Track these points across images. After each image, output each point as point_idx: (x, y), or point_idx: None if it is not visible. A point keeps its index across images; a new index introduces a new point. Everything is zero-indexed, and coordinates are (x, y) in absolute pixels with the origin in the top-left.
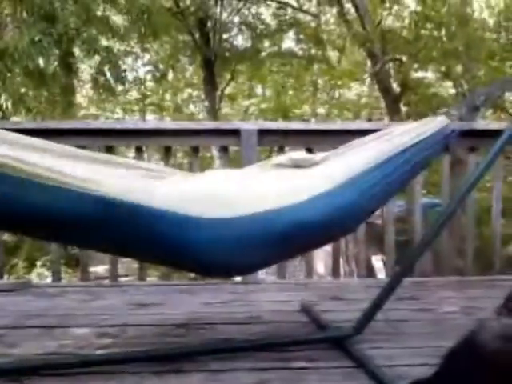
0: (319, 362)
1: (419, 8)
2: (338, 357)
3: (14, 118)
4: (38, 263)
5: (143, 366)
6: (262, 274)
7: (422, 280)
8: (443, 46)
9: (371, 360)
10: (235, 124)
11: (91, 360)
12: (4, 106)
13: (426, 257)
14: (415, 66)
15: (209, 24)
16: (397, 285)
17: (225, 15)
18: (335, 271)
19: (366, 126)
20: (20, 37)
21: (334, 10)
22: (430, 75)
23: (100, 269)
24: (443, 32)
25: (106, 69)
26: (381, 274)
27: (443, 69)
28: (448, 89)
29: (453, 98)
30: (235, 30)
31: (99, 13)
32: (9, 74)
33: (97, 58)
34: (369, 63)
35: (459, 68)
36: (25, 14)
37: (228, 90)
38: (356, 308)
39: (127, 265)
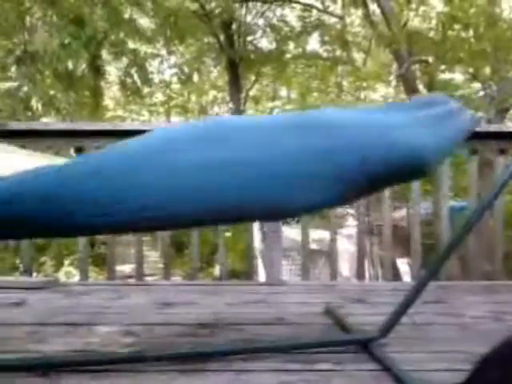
0: (344, 364)
1: (446, 9)
2: (363, 360)
3: (44, 119)
4: (66, 262)
5: (167, 365)
6: (285, 274)
7: (449, 284)
8: (471, 46)
9: (396, 363)
10: None
11: (116, 358)
12: (34, 107)
13: (453, 260)
14: (442, 67)
15: (234, 26)
16: (423, 288)
17: (249, 17)
18: (360, 274)
19: None
20: (50, 40)
21: (360, 12)
22: (457, 76)
23: (126, 268)
24: (471, 33)
25: (133, 71)
26: (406, 277)
27: (471, 70)
28: (476, 90)
29: (481, 100)
30: (260, 33)
31: (127, 16)
32: (39, 77)
33: (124, 60)
34: (395, 65)
35: (487, 69)
36: (55, 18)
37: (252, 92)
38: (381, 311)
39: (153, 264)
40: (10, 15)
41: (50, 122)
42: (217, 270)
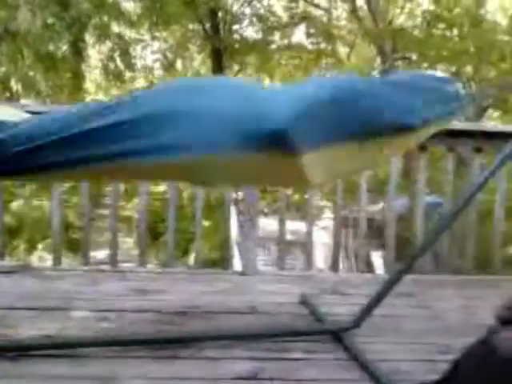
0: (316, 353)
1: (432, 7)
2: (334, 349)
3: (23, 101)
4: (39, 246)
5: (140, 351)
6: (261, 265)
7: (421, 277)
8: (454, 46)
9: (365, 353)
10: None
11: (89, 342)
12: (14, 88)
13: (426, 255)
14: (425, 64)
15: (220, 14)
16: (397, 282)
17: (236, 6)
18: (334, 265)
19: None
20: (33, 19)
21: (346, 6)
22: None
23: (100, 254)
24: (455, 32)
25: (116, 55)
26: (380, 270)
27: (453, 69)
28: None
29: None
30: (246, 22)
31: None
32: (19, 57)
33: (108, 43)
34: (378, 60)
35: (469, 69)
36: None
37: None
38: (355, 302)
39: (127, 251)
40: None
41: (28, 103)
42: (192, 259)
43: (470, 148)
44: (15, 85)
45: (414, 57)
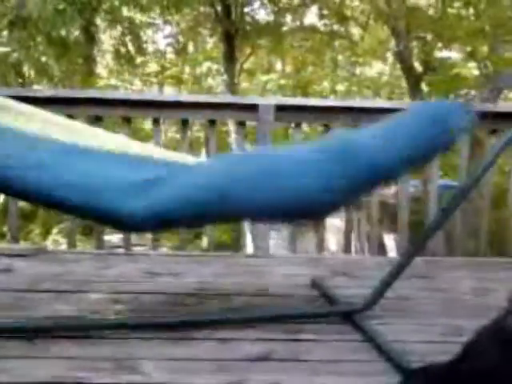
0: (327, 335)
1: None
2: (346, 331)
3: (36, 86)
4: (54, 230)
5: (154, 333)
6: (273, 247)
7: (434, 259)
8: (470, 25)
9: (379, 334)
10: (253, 99)
11: (104, 324)
12: (27, 74)
13: (439, 237)
14: (439, 45)
15: None
16: (408, 263)
17: None
18: (347, 247)
19: (385, 104)
20: (44, 5)
21: None
22: (454, 55)
23: (114, 237)
24: (471, 11)
25: (127, 39)
26: (392, 253)
27: (468, 49)
28: (472, 70)
29: (476, 79)
30: (257, 4)
31: None
32: (31, 42)
33: (119, 28)
34: (392, 41)
35: (485, 49)
36: None
37: (247, 65)
38: (367, 285)
39: (141, 235)
40: None
41: (40, 88)
42: (205, 242)
43: (484, 129)
44: (28, 70)
45: (429, 37)
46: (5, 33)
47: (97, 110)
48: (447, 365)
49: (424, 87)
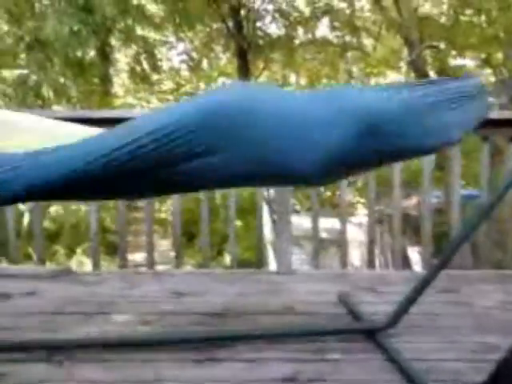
0: (354, 353)
1: None
2: (370, 349)
3: (55, 107)
4: (78, 250)
5: (179, 354)
6: (296, 264)
7: (460, 273)
8: (483, 32)
9: (402, 353)
10: None
11: (129, 344)
12: (46, 95)
13: (464, 249)
14: (453, 53)
15: (242, 12)
16: (433, 278)
17: (258, 3)
18: (370, 262)
19: None
20: (60, 27)
21: None
22: (468, 62)
23: (138, 256)
24: (483, 18)
25: (142, 58)
26: (417, 266)
27: (483, 56)
28: (487, 76)
29: (492, 86)
30: (269, 18)
31: (135, 2)
32: (49, 64)
33: (133, 47)
34: (405, 50)
35: (499, 55)
36: (64, 4)
37: (261, 79)
38: (393, 300)
39: (164, 253)
40: (20, 2)
41: (58, 109)
42: (227, 259)
43: (505, 137)
44: (46, 92)
45: (442, 45)
46: (23, 55)
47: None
48: None
49: None
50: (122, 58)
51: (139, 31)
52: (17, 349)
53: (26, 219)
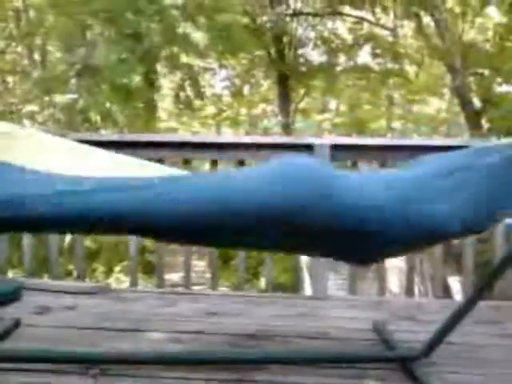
0: (388, 381)
1: (504, 19)
2: (404, 378)
3: (103, 131)
4: (116, 268)
5: (211, 374)
6: (333, 289)
7: (504, 304)
8: None
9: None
10: (309, 139)
11: (163, 362)
12: (93, 120)
13: (510, 279)
14: (498, 79)
15: (284, 39)
16: (471, 307)
17: (300, 31)
18: (409, 290)
19: (444, 142)
20: (109, 55)
21: (412, 24)
22: None
23: (174, 276)
24: None
25: (186, 84)
26: (458, 296)
27: None
28: None
29: None
30: (311, 45)
31: (181, 30)
32: (97, 90)
33: (178, 74)
34: (448, 77)
35: None
36: (113, 33)
37: (302, 105)
38: (430, 329)
39: (200, 274)
40: (72, 30)
41: (104, 133)
42: (262, 282)
43: None
44: (94, 116)
45: (486, 72)
46: (73, 81)
47: (158, 152)
48: None
49: (484, 123)
50: (167, 83)
51: (184, 58)
52: (54, 360)
53: (67, 237)
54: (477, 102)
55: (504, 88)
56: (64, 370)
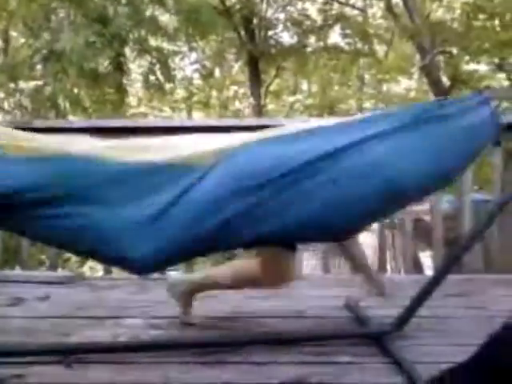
0: (362, 357)
1: None
2: (378, 353)
3: (71, 117)
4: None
5: (188, 357)
6: (307, 269)
7: (473, 277)
8: (497, 36)
9: (406, 356)
10: (280, 120)
11: (139, 348)
12: (61, 106)
13: (477, 253)
14: (466, 58)
15: (254, 21)
16: (440, 281)
17: (270, 12)
18: (381, 267)
19: None
20: (75, 39)
21: (381, 4)
22: (482, 67)
23: None
24: (496, 22)
25: (156, 68)
26: (429, 272)
27: (496, 60)
28: (501, 81)
29: (505, 91)
30: (281, 27)
31: (148, 13)
32: (64, 75)
33: (147, 57)
34: (417, 56)
35: None
36: (79, 17)
37: (273, 87)
38: (401, 304)
39: None
40: (36, 15)
41: (74, 119)
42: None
43: None
44: (62, 102)
45: (455, 51)
46: (39, 67)
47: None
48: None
49: None
50: (136, 68)
51: (153, 42)
52: (29, 352)
53: None
54: (445, 81)
55: (472, 66)
56: (39, 360)
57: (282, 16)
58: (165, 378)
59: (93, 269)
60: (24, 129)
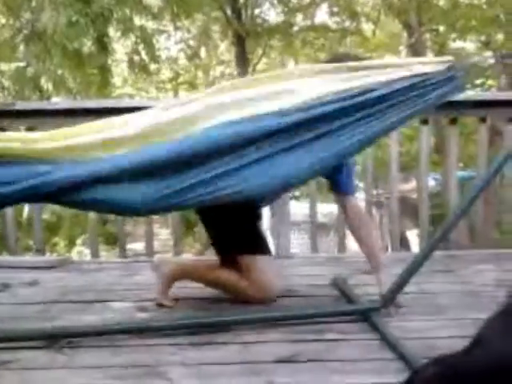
0: (351, 334)
1: None
2: (367, 329)
3: (55, 99)
4: (78, 241)
5: (179, 338)
6: (295, 249)
7: (458, 253)
8: (483, 13)
9: (394, 332)
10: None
11: (129, 330)
12: (45, 87)
13: (462, 230)
14: (453, 35)
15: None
16: (426, 258)
17: None
18: None
19: None
20: (57, 18)
21: None
22: (468, 45)
23: (137, 246)
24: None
25: (140, 48)
26: (416, 249)
27: (483, 38)
28: (488, 59)
29: (492, 68)
30: (267, 5)
31: None
32: (47, 55)
33: (131, 37)
34: (405, 34)
35: (500, 37)
36: None
37: (260, 66)
38: (389, 281)
39: (163, 242)
40: None
41: (58, 100)
42: None
43: (503, 118)
44: (45, 83)
45: (441, 28)
46: (21, 47)
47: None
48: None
49: None
50: (120, 48)
51: (137, 21)
52: (18, 338)
53: (25, 211)
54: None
55: (458, 44)
56: (29, 346)
57: None
58: (155, 361)
59: (81, 253)
60: (7, 111)
